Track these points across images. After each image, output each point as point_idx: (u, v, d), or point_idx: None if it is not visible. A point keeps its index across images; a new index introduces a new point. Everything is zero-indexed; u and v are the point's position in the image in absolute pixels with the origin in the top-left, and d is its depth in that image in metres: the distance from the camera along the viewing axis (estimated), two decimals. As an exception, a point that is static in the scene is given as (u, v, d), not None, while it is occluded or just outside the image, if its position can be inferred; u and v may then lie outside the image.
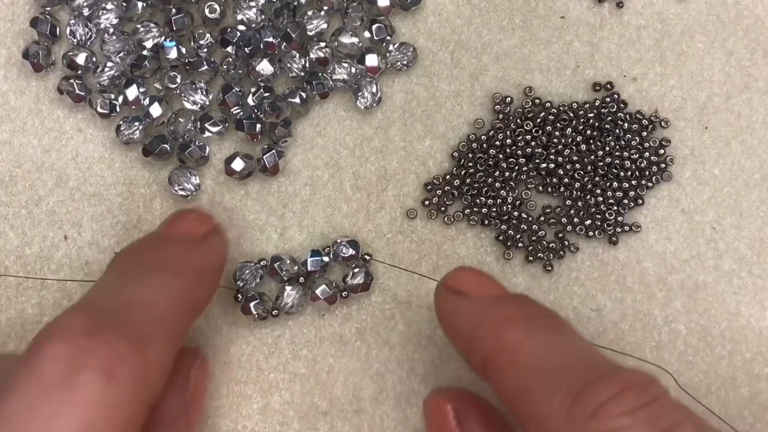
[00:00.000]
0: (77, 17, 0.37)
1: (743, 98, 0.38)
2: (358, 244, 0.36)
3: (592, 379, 0.26)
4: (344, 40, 0.37)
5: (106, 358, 0.25)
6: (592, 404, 0.25)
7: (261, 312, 0.35)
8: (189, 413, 0.32)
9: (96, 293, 0.29)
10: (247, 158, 0.36)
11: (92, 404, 0.24)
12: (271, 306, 0.36)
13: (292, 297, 0.35)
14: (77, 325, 0.26)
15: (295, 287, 0.36)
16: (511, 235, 0.37)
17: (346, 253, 0.36)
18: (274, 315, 0.36)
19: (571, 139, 0.37)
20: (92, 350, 0.25)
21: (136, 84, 0.36)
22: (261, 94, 0.37)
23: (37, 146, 0.37)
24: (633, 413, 0.25)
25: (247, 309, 0.35)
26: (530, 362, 0.27)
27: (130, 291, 0.29)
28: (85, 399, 0.24)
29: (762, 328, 0.37)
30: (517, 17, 0.38)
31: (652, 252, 0.37)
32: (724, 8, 0.38)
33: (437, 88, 0.38)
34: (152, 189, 0.37)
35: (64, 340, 0.25)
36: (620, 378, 0.25)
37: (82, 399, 0.24)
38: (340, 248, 0.36)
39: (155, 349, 0.27)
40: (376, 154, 0.38)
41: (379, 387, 0.36)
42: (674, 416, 0.25)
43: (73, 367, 0.24)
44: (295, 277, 0.36)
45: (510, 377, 0.27)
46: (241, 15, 0.36)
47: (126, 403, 0.25)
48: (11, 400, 0.24)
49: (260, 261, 0.36)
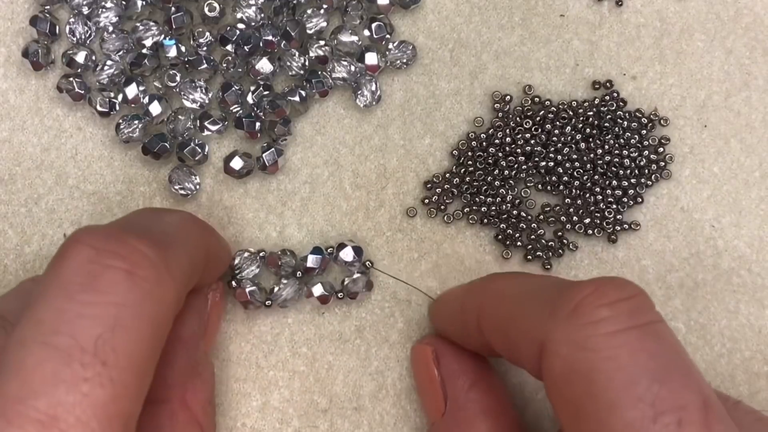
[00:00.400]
0: (77, 16, 0.37)
1: (742, 96, 0.38)
2: (362, 250, 0.36)
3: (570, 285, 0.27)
4: (344, 39, 0.37)
5: (128, 257, 0.25)
6: (573, 301, 0.25)
7: (255, 300, 0.35)
8: (207, 334, 0.33)
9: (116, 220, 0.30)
10: (246, 157, 0.36)
11: (117, 303, 0.24)
12: (264, 296, 0.36)
13: (287, 290, 0.35)
14: (98, 231, 0.26)
15: (291, 281, 0.36)
16: (511, 233, 0.37)
17: (348, 258, 0.36)
18: (267, 305, 0.36)
19: (570, 138, 0.37)
20: (113, 251, 0.25)
21: (136, 82, 0.36)
22: (260, 93, 0.37)
23: (37, 144, 0.37)
24: (613, 305, 0.25)
25: (242, 295, 0.35)
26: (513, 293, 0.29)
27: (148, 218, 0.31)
28: (109, 299, 0.24)
29: (761, 326, 0.37)
30: (516, 15, 0.38)
31: (652, 250, 0.37)
32: (724, 7, 0.38)
33: (437, 86, 0.38)
34: (152, 187, 0.37)
35: (86, 244, 0.25)
36: (598, 280, 0.26)
37: (107, 299, 0.24)
38: (343, 251, 0.36)
39: (175, 256, 0.27)
40: (376, 152, 0.38)
41: (378, 384, 0.36)
42: (653, 314, 0.26)
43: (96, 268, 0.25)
44: (292, 271, 0.36)
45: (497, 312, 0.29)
46: (240, 13, 0.36)
47: (150, 301, 0.25)
48: (39, 305, 0.25)
49: (260, 251, 0.36)
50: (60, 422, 0.22)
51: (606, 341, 0.24)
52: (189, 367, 0.31)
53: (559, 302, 0.26)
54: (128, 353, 0.24)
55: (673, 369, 0.24)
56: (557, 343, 0.25)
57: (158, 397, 0.30)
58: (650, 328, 0.25)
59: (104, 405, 0.23)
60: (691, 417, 0.23)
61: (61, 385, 0.23)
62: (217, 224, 0.37)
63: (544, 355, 0.26)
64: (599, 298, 0.25)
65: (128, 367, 0.24)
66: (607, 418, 0.24)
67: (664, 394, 0.24)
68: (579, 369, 0.25)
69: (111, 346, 0.24)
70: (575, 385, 0.25)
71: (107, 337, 0.24)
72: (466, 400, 0.32)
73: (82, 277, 0.25)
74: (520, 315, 0.28)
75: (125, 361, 0.24)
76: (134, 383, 0.24)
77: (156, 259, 0.26)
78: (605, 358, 0.24)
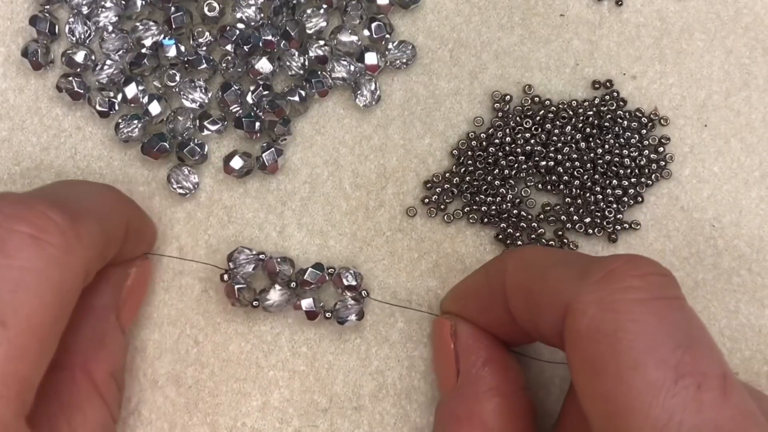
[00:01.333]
0: (76, 15, 0.37)
1: (742, 96, 0.38)
2: (362, 278, 0.36)
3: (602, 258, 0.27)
4: (343, 39, 0.37)
5: (35, 223, 0.25)
6: (605, 268, 0.26)
7: (242, 298, 0.35)
8: (123, 310, 0.33)
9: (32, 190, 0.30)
10: (246, 156, 0.36)
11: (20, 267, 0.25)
12: (253, 297, 0.35)
13: (276, 296, 0.35)
14: (8, 196, 0.26)
15: (283, 288, 0.35)
16: (511, 233, 0.37)
17: (348, 281, 0.36)
18: (254, 306, 0.35)
19: (570, 137, 0.37)
20: (21, 216, 0.25)
21: (135, 82, 0.36)
22: (260, 93, 0.37)
23: (36, 144, 0.37)
24: (644, 277, 0.26)
25: (230, 292, 0.35)
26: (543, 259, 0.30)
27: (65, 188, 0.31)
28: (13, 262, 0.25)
29: (761, 325, 0.37)
30: (516, 15, 0.38)
31: (652, 250, 0.37)
32: (724, 6, 0.38)
33: (436, 86, 0.38)
34: (151, 187, 0.37)
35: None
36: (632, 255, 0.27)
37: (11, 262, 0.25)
38: (345, 275, 0.36)
39: (87, 226, 0.27)
40: (376, 152, 0.38)
41: (378, 384, 0.36)
42: (681, 293, 0.26)
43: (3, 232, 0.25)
44: (288, 280, 0.35)
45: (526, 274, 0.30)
46: (240, 13, 0.36)
47: (56, 267, 0.25)
48: None
49: (260, 254, 0.36)
50: None
51: (635, 306, 0.25)
52: (95, 337, 0.31)
53: (591, 268, 0.26)
54: (29, 316, 0.24)
55: (696, 339, 0.25)
56: (585, 303, 0.26)
57: (59, 363, 0.30)
58: (677, 302, 0.26)
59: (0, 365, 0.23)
60: (710, 383, 0.24)
61: None
62: (217, 224, 0.37)
63: (569, 314, 0.26)
64: (632, 269, 0.26)
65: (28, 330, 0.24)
66: (630, 376, 0.24)
67: (686, 359, 0.24)
68: (605, 329, 0.25)
69: (12, 307, 0.24)
70: (599, 344, 0.25)
71: (8, 298, 0.24)
72: (477, 376, 0.32)
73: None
74: (547, 276, 0.28)
75: (26, 323, 0.24)
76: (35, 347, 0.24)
77: (65, 226, 0.26)
78: (632, 320, 0.25)
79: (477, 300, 0.33)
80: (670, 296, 0.26)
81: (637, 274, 0.26)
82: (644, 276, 0.26)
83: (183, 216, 0.37)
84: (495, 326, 0.33)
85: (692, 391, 0.24)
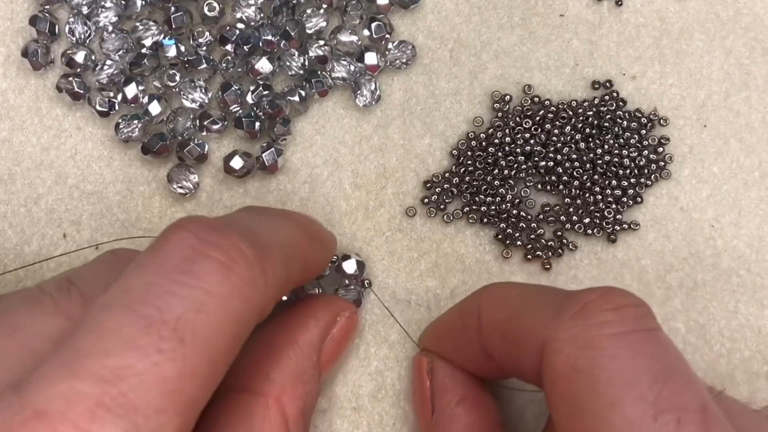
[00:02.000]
0: (76, 15, 0.37)
1: (742, 96, 0.38)
2: (365, 267, 0.36)
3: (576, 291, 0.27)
4: (343, 38, 0.37)
5: (227, 251, 0.25)
6: (579, 303, 0.26)
7: None
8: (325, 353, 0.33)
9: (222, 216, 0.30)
10: (246, 156, 0.36)
11: (207, 290, 0.25)
12: None
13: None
14: (204, 221, 0.26)
15: None
16: (510, 233, 0.37)
17: (350, 270, 0.36)
18: None
19: (570, 137, 0.37)
20: (215, 243, 0.25)
21: (135, 82, 0.36)
22: (260, 92, 0.37)
23: (36, 144, 0.37)
24: (618, 310, 0.26)
25: None
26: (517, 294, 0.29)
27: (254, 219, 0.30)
28: (200, 284, 0.25)
29: (761, 326, 0.37)
30: (516, 15, 0.38)
31: (651, 250, 0.37)
32: (723, 6, 0.38)
33: (436, 86, 0.38)
34: (151, 187, 0.37)
35: (190, 230, 0.26)
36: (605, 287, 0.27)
37: (198, 284, 0.25)
38: (347, 261, 0.36)
39: (272, 262, 0.27)
40: (375, 152, 0.38)
41: (378, 384, 0.36)
42: (656, 323, 0.26)
43: (194, 254, 0.25)
44: None
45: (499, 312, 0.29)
46: (240, 13, 0.36)
47: (239, 298, 0.25)
48: (131, 275, 0.25)
49: None
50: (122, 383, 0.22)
51: (610, 341, 0.25)
52: (296, 373, 0.31)
53: (565, 304, 0.26)
54: (206, 339, 0.24)
55: (675, 372, 0.25)
56: (561, 341, 0.26)
57: (256, 388, 0.30)
58: (653, 334, 0.26)
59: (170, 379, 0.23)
60: (690, 417, 0.24)
61: (135, 350, 0.23)
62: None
63: (545, 353, 0.26)
64: (605, 303, 0.26)
65: (203, 352, 0.24)
66: (608, 415, 0.24)
67: (665, 393, 0.24)
68: (581, 367, 0.25)
69: (192, 326, 0.24)
70: (577, 383, 0.25)
71: (190, 317, 0.24)
72: (452, 415, 0.32)
73: (180, 258, 0.25)
74: (522, 314, 0.28)
75: (202, 345, 0.24)
76: (205, 370, 0.24)
77: (253, 259, 0.26)
78: (609, 357, 0.25)
79: (452, 339, 0.33)
80: (646, 328, 0.26)
81: (611, 307, 0.26)
82: (618, 309, 0.26)
83: (183, 216, 0.37)
84: (472, 364, 0.32)
85: (672, 427, 0.24)
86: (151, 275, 0.25)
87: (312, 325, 0.33)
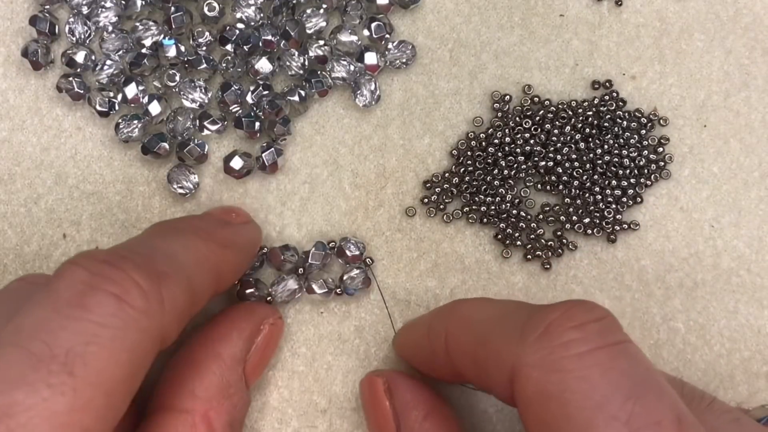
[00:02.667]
0: (76, 15, 0.37)
1: (742, 96, 0.38)
2: (365, 247, 0.36)
3: (540, 308, 0.27)
4: (343, 38, 0.37)
5: (120, 284, 0.26)
6: (543, 324, 0.26)
7: (256, 297, 0.36)
8: (250, 365, 0.33)
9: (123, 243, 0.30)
10: (246, 156, 0.36)
11: (99, 322, 0.25)
12: (266, 292, 0.36)
13: (289, 286, 0.36)
14: (97, 256, 0.27)
15: (292, 277, 0.36)
16: (510, 233, 0.37)
17: (351, 252, 0.36)
18: (268, 301, 0.36)
19: (569, 137, 0.37)
20: (108, 276, 0.26)
21: (135, 82, 0.36)
22: (260, 92, 0.37)
23: (36, 144, 0.37)
24: (581, 327, 0.25)
25: (242, 294, 0.36)
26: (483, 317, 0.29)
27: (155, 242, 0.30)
28: (92, 317, 0.25)
29: (760, 326, 0.37)
30: (516, 15, 0.38)
31: (651, 250, 0.37)
32: (723, 6, 0.38)
33: (436, 86, 0.38)
34: (151, 187, 0.37)
35: (83, 266, 0.26)
36: (567, 302, 0.27)
37: (90, 317, 0.25)
38: (347, 245, 0.36)
39: (171, 289, 0.27)
40: (375, 152, 0.38)
41: (377, 385, 0.36)
42: (622, 335, 0.26)
43: (87, 288, 0.25)
44: (294, 267, 0.36)
45: (466, 336, 0.29)
46: (240, 13, 0.36)
47: (134, 329, 0.26)
48: (24, 314, 0.25)
49: (262, 248, 0.36)
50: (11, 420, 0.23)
51: (577, 362, 0.25)
52: (221, 387, 0.31)
53: (528, 326, 0.26)
54: (99, 371, 0.24)
55: (646, 386, 0.24)
56: (528, 366, 0.25)
57: (181, 406, 0.30)
58: (620, 348, 0.25)
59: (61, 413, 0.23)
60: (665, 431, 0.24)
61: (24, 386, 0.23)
62: (217, 224, 0.37)
63: (515, 379, 0.26)
64: (568, 321, 0.25)
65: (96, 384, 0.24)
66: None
67: (638, 410, 0.24)
68: (551, 391, 0.25)
69: (82, 359, 0.24)
70: (549, 408, 0.25)
71: (80, 350, 0.24)
72: (421, 430, 0.32)
73: (72, 293, 0.25)
74: (488, 339, 0.28)
75: (94, 377, 0.24)
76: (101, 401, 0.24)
77: (148, 289, 0.26)
78: (577, 378, 0.24)
79: (421, 355, 0.33)
80: (612, 342, 0.25)
81: (575, 325, 0.25)
82: (582, 326, 0.25)
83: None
84: (443, 374, 0.32)
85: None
86: (43, 311, 0.25)
87: (234, 337, 0.33)
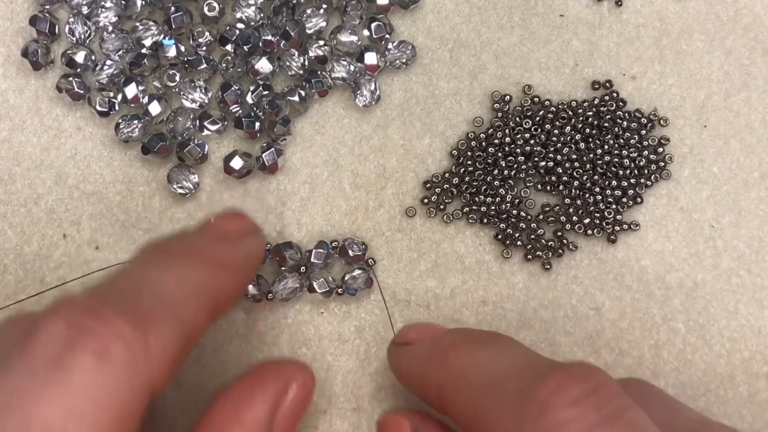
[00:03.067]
0: (76, 15, 0.37)
1: (742, 97, 0.38)
2: (367, 247, 0.36)
3: (534, 378, 0.26)
4: (343, 39, 0.37)
5: (101, 337, 0.24)
6: (537, 401, 0.25)
7: (257, 294, 0.36)
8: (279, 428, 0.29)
9: (110, 279, 0.28)
10: (246, 156, 0.36)
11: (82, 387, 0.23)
12: (267, 289, 0.36)
13: (290, 285, 0.36)
14: (77, 304, 0.25)
15: (294, 276, 0.36)
16: (510, 233, 0.37)
17: (354, 252, 0.36)
18: (268, 298, 0.36)
19: (570, 138, 0.37)
20: (88, 329, 0.24)
21: (135, 82, 0.36)
22: (260, 93, 0.37)
23: (36, 144, 0.37)
24: (578, 403, 0.25)
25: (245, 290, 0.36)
26: (478, 380, 0.28)
27: (144, 275, 0.28)
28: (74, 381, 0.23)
29: (761, 326, 0.37)
30: (516, 15, 0.38)
31: (651, 250, 0.37)
32: (723, 7, 0.38)
33: (436, 86, 0.38)
34: (151, 187, 0.37)
35: (62, 318, 0.25)
36: (561, 372, 0.26)
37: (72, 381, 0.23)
38: (351, 245, 0.36)
39: (158, 333, 0.26)
40: (375, 152, 0.38)
41: (378, 385, 0.36)
42: (621, 401, 0.25)
43: (66, 346, 0.24)
44: (296, 265, 0.36)
45: (462, 399, 0.28)
46: (240, 13, 0.36)
47: (119, 387, 0.24)
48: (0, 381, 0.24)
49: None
50: None
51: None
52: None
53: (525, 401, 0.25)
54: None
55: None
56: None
57: None
58: (620, 420, 0.25)
59: None
60: None
61: None
62: (217, 224, 0.37)
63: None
64: (565, 397, 0.25)
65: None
66: None
67: None
68: None
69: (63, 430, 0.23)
70: None
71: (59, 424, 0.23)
72: None
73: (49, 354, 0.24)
74: (484, 410, 0.27)
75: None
76: None
77: (132, 338, 0.25)
78: None
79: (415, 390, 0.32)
80: (611, 414, 0.25)
81: (570, 402, 0.25)
82: (578, 402, 0.25)
83: (183, 216, 0.37)
84: None
85: None
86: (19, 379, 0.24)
87: (258, 399, 0.29)
